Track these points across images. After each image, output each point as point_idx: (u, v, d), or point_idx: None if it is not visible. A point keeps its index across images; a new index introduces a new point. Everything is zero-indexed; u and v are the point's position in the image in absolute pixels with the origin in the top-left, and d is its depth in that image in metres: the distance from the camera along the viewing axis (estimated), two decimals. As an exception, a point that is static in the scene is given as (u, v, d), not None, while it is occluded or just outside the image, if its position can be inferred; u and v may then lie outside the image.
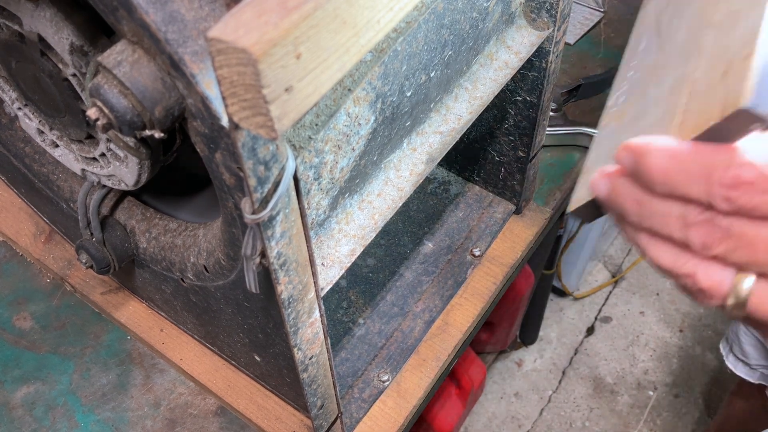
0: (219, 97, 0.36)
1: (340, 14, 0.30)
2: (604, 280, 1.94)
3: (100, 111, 0.38)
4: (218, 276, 0.54)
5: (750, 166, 0.33)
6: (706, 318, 1.85)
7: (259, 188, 0.36)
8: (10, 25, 0.48)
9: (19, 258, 0.82)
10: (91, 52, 0.46)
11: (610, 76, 0.93)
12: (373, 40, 0.33)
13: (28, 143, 0.67)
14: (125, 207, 0.63)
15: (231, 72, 0.28)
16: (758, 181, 0.33)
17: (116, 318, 0.75)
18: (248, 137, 0.34)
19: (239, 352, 0.66)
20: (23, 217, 0.81)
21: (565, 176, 0.86)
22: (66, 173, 0.66)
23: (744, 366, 1.24)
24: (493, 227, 0.80)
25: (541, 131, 0.71)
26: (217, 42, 0.27)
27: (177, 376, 0.73)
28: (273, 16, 0.27)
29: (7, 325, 0.76)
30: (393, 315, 0.75)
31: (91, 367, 0.73)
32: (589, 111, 0.92)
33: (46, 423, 0.70)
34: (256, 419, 0.68)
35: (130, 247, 0.62)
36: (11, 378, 0.73)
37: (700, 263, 0.36)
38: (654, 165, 0.36)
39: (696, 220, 0.35)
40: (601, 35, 1.02)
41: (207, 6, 0.37)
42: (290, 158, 0.37)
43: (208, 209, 0.62)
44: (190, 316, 0.68)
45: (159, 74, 0.37)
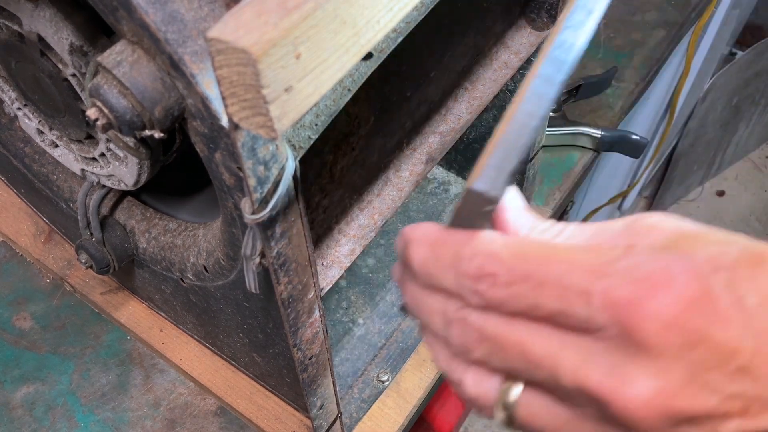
0: (219, 97, 0.36)
1: (340, 14, 0.30)
2: (604, 280, 1.94)
3: (99, 111, 0.38)
4: (218, 276, 0.54)
5: (492, 256, 0.30)
6: (706, 318, 1.85)
7: (259, 188, 0.36)
8: (10, 25, 0.48)
9: (19, 258, 0.82)
10: (90, 52, 0.46)
11: (610, 76, 0.93)
12: (373, 40, 0.33)
13: (28, 143, 0.67)
14: (125, 207, 0.63)
15: (231, 72, 0.28)
16: (501, 272, 0.30)
17: (116, 318, 0.75)
18: (248, 137, 0.34)
19: (239, 352, 0.66)
20: (23, 217, 0.81)
21: (565, 176, 0.86)
22: (66, 173, 0.66)
23: None
24: (493, 227, 0.80)
25: (541, 131, 0.71)
26: (216, 42, 0.27)
27: (177, 376, 0.73)
28: (273, 16, 0.27)
29: (7, 325, 0.76)
30: (393, 315, 0.75)
31: (91, 367, 0.73)
32: (589, 111, 0.92)
33: (46, 423, 0.70)
34: (256, 419, 0.68)
35: (129, 247, 0.62)
36: (11, 378, 0.73)
37: (467, 368, 0.32)
38: (413, 255, 0.33)
39: (454, 317, 0.32)
40: (601, 35, 1.02)
41: (207, 6, 0.37)
42: (290, 158, 0.37)
43: (208, 209, 0.62)
44: (190, 316, 0.68)
45: (159, 74, 0.37)
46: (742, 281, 0.28)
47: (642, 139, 0.86)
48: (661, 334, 0.27)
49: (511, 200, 0.34)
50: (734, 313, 0.27)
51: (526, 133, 0.32)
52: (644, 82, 0.96)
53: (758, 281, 0.28)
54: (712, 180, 2.14)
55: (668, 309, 0.27)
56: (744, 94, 1.83)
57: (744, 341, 0.27)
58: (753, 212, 2.07)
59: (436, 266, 0.32)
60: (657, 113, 1.30)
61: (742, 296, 0.27)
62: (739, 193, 2.12)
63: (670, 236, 0.30)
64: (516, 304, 0.30)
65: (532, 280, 0.29)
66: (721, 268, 0.28)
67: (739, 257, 0.28)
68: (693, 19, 1.05)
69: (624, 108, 0.93)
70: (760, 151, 2.21)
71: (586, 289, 0.28)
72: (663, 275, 0.27)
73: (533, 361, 0.30)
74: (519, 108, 0.32)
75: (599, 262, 0.28)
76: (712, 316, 0.27)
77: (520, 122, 0.32)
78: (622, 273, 0.28)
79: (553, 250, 0.29)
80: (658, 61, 0.98)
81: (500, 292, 0.30)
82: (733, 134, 2.00)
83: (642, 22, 1.02)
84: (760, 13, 1.99)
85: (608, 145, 0.87)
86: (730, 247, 0.29)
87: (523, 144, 0.31)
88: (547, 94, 0.33)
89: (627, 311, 0.27)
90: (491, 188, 0.30)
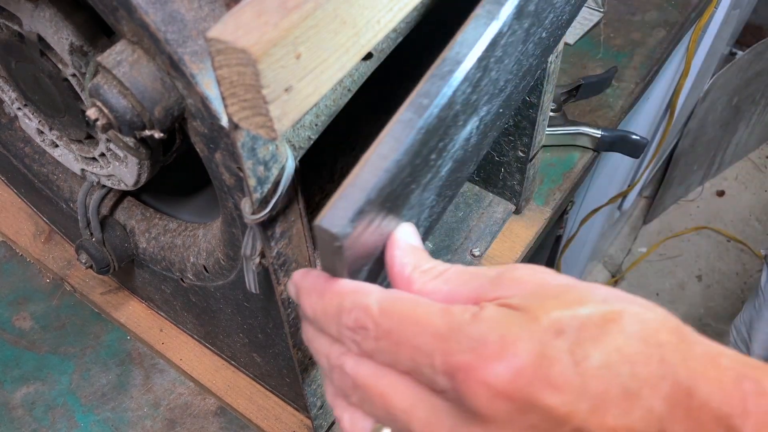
0: (219, 97, 0.36)
1: (339, 14, 0.30)
2: (604, 280, 1.94)
3: (99, 111, 0.38)
4: (218, 276, 0.54)
5: (365, 310, 0.32)
6: (705, 318, 1.85)
7: (259, 188, 0.36)
8: (10, 25, 0.48)
9: (18, 258, 0.82)
10: (90, 52, 0.46)
11: (610, 76, 0.93)
12: (373, 40, 0.33)
13: (28, 143, 0.67)
14: (125, 207, 0.63)
15: (230, 72, 0.28)
16: (371, 326, 0.31)
17: (116, 318, 0.75)
18: (248, 137, 0.34)
19: (239, 352, 0.66)
20: (23, 217, 0.81)
21: (565, 176, 0.86)
22: (66, 173, 0.66)
23: None
24: (492, 227, 0.80)
25: (540, 131, 0.71)
26: (216, 42, 0.27)
27: (177, 376, 0.73)
28: (273, 16, 0.27)
29: (7, 325, 0.76)
30: (393, 315, 0.75)
31: (91, 367, 0.73)
32: (589, 111, 0.92)
33: (45, 423, 0.70)
34: (256, 419, 0.68)
35: (129, 247, 0.62)
36: (11, 378, 0.73)
37: (346, 407, 0.35)
38: (304, 304, 0.35)
39: (335, 362, 0.34)
40: (600, 35, 1.02)
41: (207, 6, 0.37)
42: (290, 158, 0.37)
43: (208, 209, 0.62)
44: (190, 316, 0.68)
45: (159, 74, 0.37)
46: (586, 343, 0.28)
47: (642, 139, 0.86)
48: (492, 401, 0.28)
49: (402, 237, 0.36)
50: (570, 377, 0.28)
51: (379, 174, 0.33)
52: (644, 82, 0.96)
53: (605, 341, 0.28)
54: (712, 180, 2.15)
55: (499, 377, 0.28)
56: (744, 94, 1.83)
57: (578, 405, 0.28)
58: (753, 212, 2.07)
59: (323, 315, 0.34)
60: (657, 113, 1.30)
61: (585, 358, 0.28)
62: (739, 193, 2.12)
63: (528, 292, 0.31)
64: (383, 358, 0.31)
65: (392, 337, 0.31)
66: (565, 332, 0.28)
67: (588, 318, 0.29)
68: (693, 19, 1.05)
69: (624, 108, 0.93)
70: (760, 151, 2.21)
71: (431, 351, 0.30)
72: (501, 343, 0.28)
73: (392, 413, 0.32)
74: (374, 150, 0.34)
75: (448, 327, 0.30)
76: (544, 382, 0.28)
77: (373, 164, 0.33)
78: (465, 339, 0.29)
79: (414, 310, 0.31)
80: (658, 61, 0.98)
81: (371, 345, 0.32)
82: (733, 134, 2.00)
83: (642, 22, 1.02)
84: (760, 13, 1.99)
85: (608, 145, 0.87)
86: (584, 307, 0.29)
87: (376, 184, 0.33)
88: (405, 137, 0.34)
89: (462, 377, 0.29)
90: (333, 226, 0.32)
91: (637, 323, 0.29)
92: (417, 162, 0.36)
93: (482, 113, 0.44)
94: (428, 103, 0.35)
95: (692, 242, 2.02)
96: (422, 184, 0.39)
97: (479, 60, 0.38)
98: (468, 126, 0.42)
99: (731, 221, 2.05)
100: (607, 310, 0.29)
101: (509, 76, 0.46)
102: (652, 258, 1.98)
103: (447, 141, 0.40)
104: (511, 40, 0.42)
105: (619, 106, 0.93)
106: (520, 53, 0.46)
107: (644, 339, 0.28)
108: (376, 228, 0.35)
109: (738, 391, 0.27)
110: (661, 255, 1.99)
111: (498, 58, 0.41)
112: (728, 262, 1.97)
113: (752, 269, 1.96)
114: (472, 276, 0.33)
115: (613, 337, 0.28)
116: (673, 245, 2.01)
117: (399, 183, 0.35)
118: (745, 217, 2.06)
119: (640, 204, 2.07)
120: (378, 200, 0.33)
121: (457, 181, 0.48)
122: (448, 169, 0.43)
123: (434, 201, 0.44)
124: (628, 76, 0.96)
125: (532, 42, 0.48)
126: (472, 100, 0.40)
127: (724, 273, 1.95)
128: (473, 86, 0.39)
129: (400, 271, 0.35)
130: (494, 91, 0.44)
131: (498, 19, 0.39)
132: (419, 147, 0.35)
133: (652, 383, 0.28)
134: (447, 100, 0.36)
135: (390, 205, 0.35)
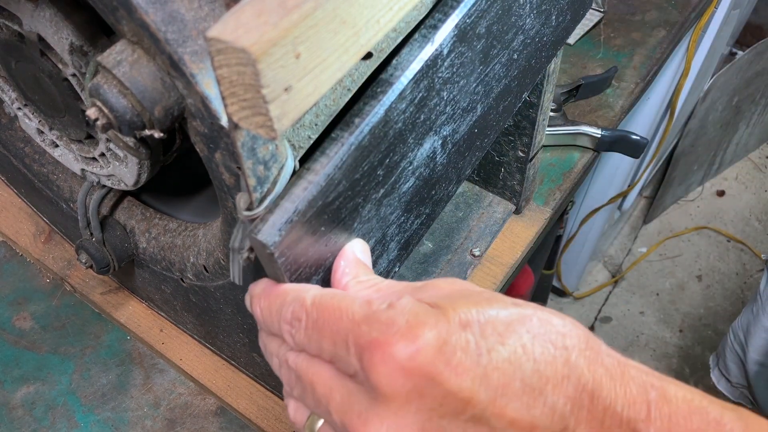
0: (218, 97, 0.36)
1: (339, 14, 0.30)
2: (604, 280, 1.94)
3: (99, 111, 0.38)
4: (218, 276, 0.54)
5: (301, 304, 0.34)
6: (706, 318, 1.85)
7: (259, 188, 0.36)
8: (10, 25, 0.48)
9: (19, 258, 0.82)
10: (90, 52, 0.46)
11: (610, 76, 0.93)
12: (372, 39, 0.33)
13: (28, 143, 0.67)
14: (125, 207, 0.63)
15: (230, 72, 0.28)
16: (303, 318, 0.33)
17: (116, 318, 0.75)
18: (248, 137, 0.34)
19: (239, 352, 0.66)
20: (23, 217, 0.82)
21: (565, 176, 0.86)
22: (66, 173, 0.66)
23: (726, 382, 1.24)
24: (492, 227, 0.80)
25: (540, 131, 0.71)
26: (216, 42, 0.27)
27: (177, 376, 0.73)
28: (272, 15, 0.27)
29: (7, 325, 0.76)
30: (393, 315, 0.75)
31: (91, 367, 0.73)
32: (589, 111, 0.93)
33: (46, 423, 0.70)
34: (256, 419, 0.68)
35: (129, 247, 0.62)
36: (11, 378, 0.73)
37: (291, 400, 0.38)
38: (255, 309, 0.38)
39: (281, 359, 0.36)
40: (601, 35, 1.02)
41: (207, 6, 0.37)
42: (290, 158, 0.37)
43: (208, 209, 0.62)
44: (190, 316, 0.68)
45: (159, 74, 0.37)
46: (491, 337, 0.29)
47: (642, 139, 0.86)
48: (392, 378, 0.29)
49: (350, 250, 0.40)
50: (471, 365, 0.28)
51: (308, 187, 0.36)
52: (644, 82, 0.96)
53: (511, 338, 0.29)
54: (712, 180, 2.15)
55: (400, 354, 0.29)
56: (744, 94, 1.83)
57: (479, 392, 0.28)
58: (753, 212, 2.07)
59: (269, 315, 0.37)
60: (657, 113, 1.30)
61: (489, 350, 0.29)
62: (739, 193, 2.12)
63: (443, 294, 0.33)
64: (311, 348, 0.33)
65: (318, 325, 0.33)
66: (471, 326, 0.30)
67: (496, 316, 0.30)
68: (693, 19, 1.05)
69: (624, 108, 0.93)
70: (760, 151, 2.21)
71: (346, 335, 0.31)
72: (407, 326, 0.29)
73: (317, 399, 0.33)
74: (305, 166, 0.37)
75: (364, 314, 0.31)
76: (445, 364, 0.28)
77: (303, 178, 0.36)
78: (376, 323, 0.30)
79: (340, 302, 0.33)
80: (658, 61, 0.98)
81: (302, 336, 0.34)
82: (734, 134, 2.00)
83: (642, 22, 1.02)
84: (760, 13, 1.99)
85: (608, 145, 0.87)
86: (492, 308, 0.31)
87: (305, 197, 0.36)
88: (334, 154, 0.37)
89: (367, 356, 0.30)
90: (263, 235, 0.35)
91: (545, 326, 0.30)
92: (356, 177, 0.39)
93: (445, 132, 0.46)
94: (359, 121, 0.38)
95: (692, 242, 2.02)
96: (373, 199, 0.41)
97: (415, 81, 0.40)
98: (425, 145, 0.44)
99: (731, 221, 2.05)
100: (517, 311, 0.31)
101: (474, 97, 0.48)
102: (652, 258, 1.98)
103: (397, 158, 0.42)
104: (460, 61, 0.44)
105: (619, 106, 0.93)
106: (483, 74, 0.47)
107: (551, 341, 0.30)
108: (324, 239, 0.38)
109: (643, 397, 0.29)
110: (661, 255, 1.99)
111: (446, 78, 0.43)
112: (728, 262, 1.97)
113: (752, 269, 1.96)
114: (400, 286, 0.36)
115: (519, 335, 0.29)
116: (673, 245, 2.01)
117: (336, 196, 0.38)
118: (745, 217, 2.06)
119: (640, 204, 2.07)
120: (311, 211, 0.36)
121: (433, 199, 0.49)
122: (412, 187, 0.45)
123: (402, 217, 0.46)
124: (628, 76, 0.96)
125: (499, 64, 0.49)
126: (420, 119, 0.42)
127: (724, 273, 1.95)
128: (417, 106, 0.41)
129: (339, 279, 0.38)
130: (455, 112, 0.46)
131: (433, 42, 0.41)
132: (354, 162, 0.38)
133: (555, 382, 0.29)
134: (379, 118, 0.38)
135: (330, 216, 0.38)
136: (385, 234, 0.45)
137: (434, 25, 0.41)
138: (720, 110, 1.79)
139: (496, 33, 0.46)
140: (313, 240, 0.37)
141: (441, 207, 0.51)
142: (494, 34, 0.46)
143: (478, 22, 0.44)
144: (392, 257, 0.48)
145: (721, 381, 1.24)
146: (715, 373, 1.26)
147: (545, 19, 0.52)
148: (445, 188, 0.51)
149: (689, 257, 1.98)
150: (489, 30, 0.45)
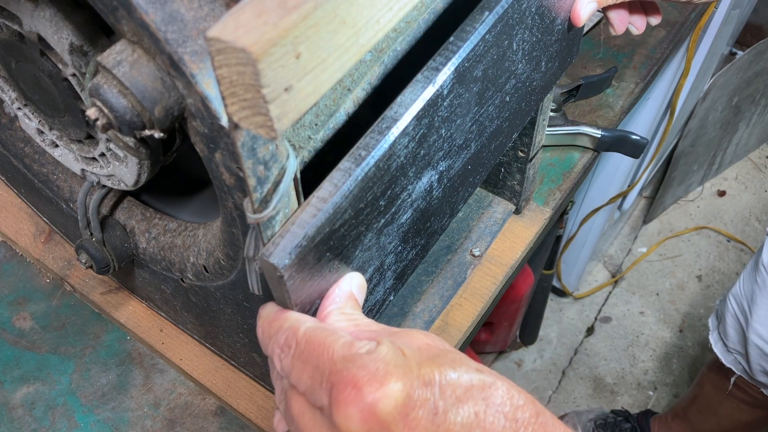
0: (218, 97, 0.36)
1: (339, 14, 0.30)
2: (603, 280, 1.94)
3: (99, 111, 0.38)
4: (218, 276, 0.54)
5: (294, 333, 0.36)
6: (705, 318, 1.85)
7: (259, 188, 0.36)
8: (10, 25, 0.48)
9: (19, 258, 0.82)
10: (90, 52, 0.46)
11: (610, 76, 0.93)
12: (372, 39, 0.33)
13: (28, 143, 0.67)
14: (125, 207, 0.63)
15: (230, 72, 0.28)
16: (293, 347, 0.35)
17: (116, 318, 0.75)
18: (248, 137, 0.34)
19: (239, 352, 0.66)
20: (23, 217, 0.81)
21: (564, 176, 0.86)
22: (66, 173, 0.66)
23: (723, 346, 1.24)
24: (492, 227, 0.80)
25: (540, 131, 0.71)
26: (216, 42, 0.27)
27: (177, 376, 0.73)
28: (272, 15, 0.27)
29: (7, 325, 0.76)
30: (393, 315, 0.75)
31: (91, 367, 0.73)
32: (589, 111, 0.92)
33: (46, 423, 0.70)
34: (256, 419, 0.68)
35: (129, 247, 0.62)
36: (11, 378, 0.73)
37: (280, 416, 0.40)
38: (258, 330, 0.40)
39: (276, 378, 0.38)
40: (601, 35, 1.02)
41: (207, 6, 0.37)
42: (291, 157, 0.37)
43: (208, 209, 0.62)
44: (190, 316, 0.68)
45: (158, 74, 0.37)
46: (449, 399, 0.31)
47: (642, 139, 0.86)
48: (351, 420, 0.31)
49: (347, 282, 0.42)
50: (426, 423, 0.30)
51: (317, 214, 0.38)
52: (644, 82, 0.96)
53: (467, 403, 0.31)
54: (712, 180, 2.15)
55: (366, 400, 0.31)
56: (744, 94, 1.83)
57: None
58: (753, 212, 2.07)
59: (267, 338, 0.39)
60: (657, 113, 1.30)
61: (445, 412, 0.31)
62: (739, 193, 2.12)
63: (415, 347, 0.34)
64: (293, 376, 0.35)
65: (304, 356, 0.35)
66: (434, 385, 0.31)
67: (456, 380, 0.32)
68: (693, 19, 1.05)
69: (624, 108, 0.93)
70: (760, 151, 2.21)
71: (324, 370, 0.33)
72: (376, 374, 0.31)
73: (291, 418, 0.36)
74: (314, 194, 0.39)
75: (344, 354, 0.33)
76: (403, 418, 0.30)
77: (313, 206, 0.38)
78: (352, 364, 0.32)
79: (327, 338, 0.34)
80: (658, 61, 0.98)
81: (288, 363, 0.36)
82: (733, 134, 2.00)
83: (642, 22, 1.02)
84: (760, 13, 1.99)
85: (608, 145, 0.87)
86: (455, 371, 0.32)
87: (314, 223, 0.38)
88: (342, 184, 0.39)
89: (335, 394, 0.32)
90: (274, 258, 0.36)
91: (501, 396, 0.32)
92: (361, 206, 0.41)
93: (441, 168, 0.49)
94: (366, 154, 0.40)
95: (692, 242, 2.02)
96: (374, 228, 0.44)
97: (418, 118, 0.43)
98: (424, 178, 0.48)
99: (731, 221, 2.05)
100: (479, 377, 0.32)
101: (469, 135, 0.51)
102: (652, 258, 1.98)
103: (398, 190, 0.45)
104: (458, 101, 0.47)
105: (619, 106, 0.93)
106: (478, 114, 0.51)
107: (503, 412, 0.31)
108: (328, 266, 0.40)
109: None
110: (661, 255, 1.99)
111: (445, 117, 0.46)
112: (728, 262, 1.97)
113: (752, 269, 1.95)
114: (378, 327, 0.38)
115: (475, 402, 0.31)
116: (673, 245, 2.01)
117: (342, 224, 0.40)
118: (745, 217, 2.06)
119: (640, 204, 2.07)
120: (319, 237, 0.38)
121: (428, 231, 0.53)
122: (410, 218, 0.48)
123: (399, 247, 0.49)
124: (628, 76, 0.96)
125: (493, 105, 0.52)
126: (420, 154, 0.45)
127: (724, 273, 1.95)
128: (418, 141, 0.44)
129: (326, 305, 0.40)
130: (451, 148, 0.49)
131: (434, 83, 0.44)
132: (360, 193, 0.41)
133: None
134: (384, 152, 0.41)
135: (336, 243, 0.40)
136: (383, 263, 0.48)
137: (436, 68, 0.44)
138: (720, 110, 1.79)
139: (491, 77, 0.50)
140: (318, 266, 0.40)
141: (435, 239, 0.54)
142: (489, 78, 0.50)
143: (476, 66, 0.47)
144: (388, 286, 0.51)
145: (718, 344, 1.24)
146: (714, 336, 1.26)
147: (536, 64, 0.56)
148: (440, 221, 0.54)
149: (689, 257, 1.98)
150: (485, 73, 0.49)
